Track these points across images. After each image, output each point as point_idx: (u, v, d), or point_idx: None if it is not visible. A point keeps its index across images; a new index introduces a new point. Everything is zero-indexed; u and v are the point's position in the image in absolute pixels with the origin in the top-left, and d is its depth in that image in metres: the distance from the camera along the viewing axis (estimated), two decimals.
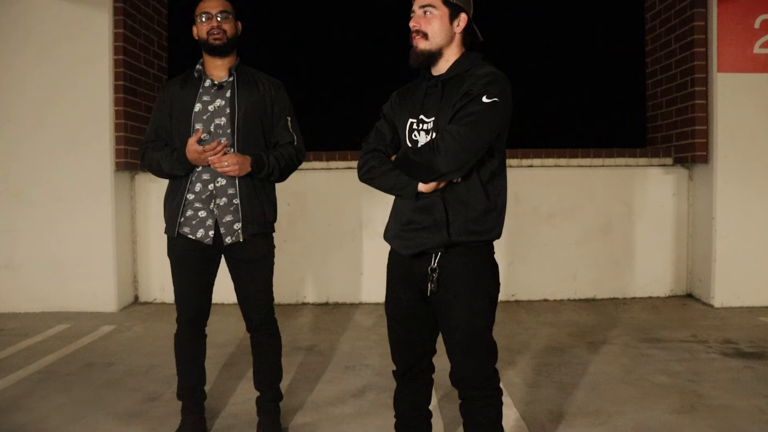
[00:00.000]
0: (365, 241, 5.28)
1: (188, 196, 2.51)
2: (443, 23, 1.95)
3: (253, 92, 2.55)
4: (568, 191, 5.32)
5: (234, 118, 2.49)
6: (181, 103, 2.53)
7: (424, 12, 1.96)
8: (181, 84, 2.58)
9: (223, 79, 2.55)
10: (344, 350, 3.95)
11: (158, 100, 2.63)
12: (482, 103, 1.84)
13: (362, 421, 2.84)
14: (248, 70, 2.61)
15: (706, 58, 4.99)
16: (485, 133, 1.85)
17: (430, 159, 1.84)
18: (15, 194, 4.97)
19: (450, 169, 1.84)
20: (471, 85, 1.89)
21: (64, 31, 4.93)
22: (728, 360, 3.62)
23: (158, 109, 2.61)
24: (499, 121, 1.88)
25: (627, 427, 2.73)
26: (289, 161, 2.57)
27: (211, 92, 2.53)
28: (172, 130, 2.56)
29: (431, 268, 1.95)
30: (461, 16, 1.97)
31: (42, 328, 4.48)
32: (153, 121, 2.63)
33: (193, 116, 2.50)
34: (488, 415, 1.99)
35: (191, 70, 2.60)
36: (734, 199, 4.93)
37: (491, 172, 1.95)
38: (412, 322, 2.07)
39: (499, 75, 1.91)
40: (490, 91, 1.85)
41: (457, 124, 1.84)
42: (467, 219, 1.92)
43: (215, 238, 2.51)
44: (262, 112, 2.56)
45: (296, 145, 2.61)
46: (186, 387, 2.66)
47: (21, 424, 2.83)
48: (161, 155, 2.50)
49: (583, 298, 5.33)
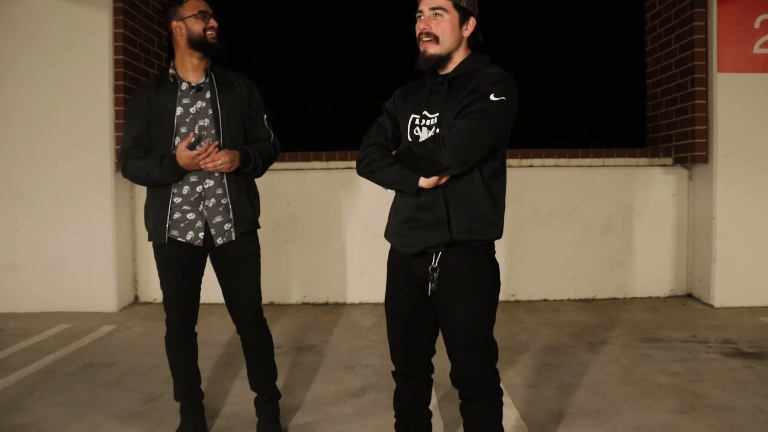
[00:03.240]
0: (365, 241, 5.28)
1: (175, 199, 2.49)
2: (453, 27, 1.94)
3: (232, 92, 2.54)
4: (568, 191, 5.32)
5: (218, 119, 2.49)
6: (160, 108, 2.49)
7: (435, 14, 1.93)
8: (155, 89, 2.52)
9: (200, 80, 2.52)
10: (344, 350, 3.95)
11: (131, 107, 2.55)
12: (490, 101, 1.84)
13: (362, 421, 2.84)
14: (221, 70, 2.60)
15: (706, 58, 4.99)
16: (491, 130, 1.85)
17: (434, 152, 1.84)
18: (15, 194, 4.97)
19: (453, 163, 1.83)
20: (479, 83, 1.88)
21: (65, 32, 4.93)
22: (728, 360, 3.62)
23: (133, 116, 2.54)
24: (504, 120, 1.88)
25: (627, 427, 2.73)
26: (269, 156, 2.60)
27: (190, 95, 2.50)
28: (153, 136, 2.51)
29: (432, 268, 1.94)
30: (470, 21, 1.97)
31: (42, 328, 4.48)
32: (128, 129, 2.55)
33: (175, 120, 2.48)
34: (488, 416, 1.98)
35: (163, 74, 2.55)
36: (734, 199, 4.93)
37: (492, 170, 1.95)
38: (411, 322, 2.07)
39: (506, 75, 1.92)
40: (497, 89, 1.85)
41: (464, 119, 1.84)
42: (470, 217, 1.91)
43: (205, 239, 2.51)
44: (243, 111, 2.56)
45: (273, 141, 2.64)
46: (182, 388, 2.66)
47: (21, 424, 2.83)
48: (148, 164, 2.44)
49: (583, 298, 5.33)
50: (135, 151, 2.52)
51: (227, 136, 2.50)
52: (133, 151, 2.52)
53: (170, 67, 2.54)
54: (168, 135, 2.47)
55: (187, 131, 2.47)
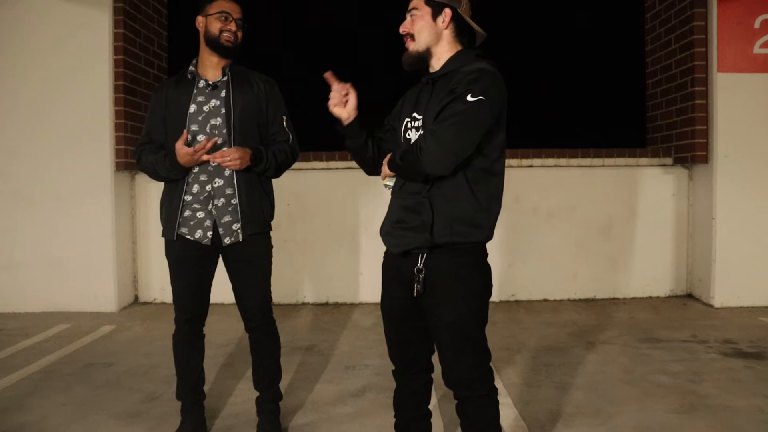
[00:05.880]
0: (365, 241, 5.28)
1: (186, 197, 2.51)
2: (426, 22, 1.96)
3: (248, 91, 2.54)
4: (568, 191, 5.32)
5: (230, 118, 2.49)
6: (176, 104, 2.52)
7: (411, 15, 1.98)
8: (175, 85, 2.56)
9: (217, 78, 2.54)
10: (344, 350, 3.95)
11: (152, 102, 2.61)
12: (466, 102, 1.80)
13: (362, 421, 2.84)
14: (242, 69, 2.60)
15: (706, 58, 4.99)
16: (469, 133, 1.82)
17: (413, 163, 1.84)
18: (15, 194, 4.97)
19: (434, 171, 1.84)
20: (457, 82, 1.86)
21: (65, 31, 4.93)
22: (728, 360, 3.62)
23: (152, 112, 2.60)
24: (485, 120, 1.84)
25: (627, 427, 2.73)
26: (285, 158, 2.58)
27: (206, 93, 2.52)
28: (166, 132, 2.54)
29: (417, 269, 1.94)
30: (445, 12, 1.95)
31: (42, 328, 4.48)
32: (147, 123, 2.62)
33: (188, 117, 2.49)
34: (483, 415, 1.97)
35: (184, 71, 2.59)
36: (734, 199, 4.93)
37: (480, 170, 1.91)
38: (405, 321, 2.07)
39: (486, 71, 1.87)
40: (474, 89, 1.81)
41: (440, 124, 1.82)
42: (453, 219, 1.89)
43: (213, 238, 2.51)
44: (257, 111, 2.56)
45: (291, 143, 2.62)
46: (185, 387, 2.66)
47: (21, 424, 2.83)
48: (156, 160, 2.50)
49: (582, 298, 5.33)
50: (149, 146, 2.58)
51: (239, 136, 2.50)
52: (147, 146, 2.58)
53: (192, 64, 2.57)
54: (179, 131, 2.48)
55: (198, 129, 2.48)
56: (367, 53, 7.71)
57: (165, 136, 2.55)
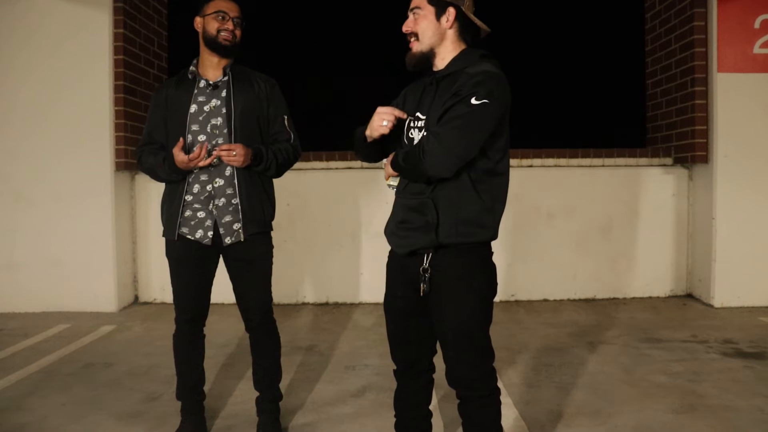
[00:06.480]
0: (365, 241, 5.28)
1: (186, 197, 2.51)
2: (430, 21, 1.94)
3: (249, 91, 2.54)
4: (568, 191, 5.32)
5: (230, 118, 2.49)
6: (176, 104, 2.52)
7: (413, 14, 1.97)
8: (175, 85, 2.56)
9: (218, 78, 2.54)
10: (344, 350, 3.95)
11: (153, 102, 2.61)
12: (470, 105, 1.80)
13: (362, 421, 2.84)
14: (243, 69, 2.60)
15: (706, 58, 4.99)
16: (473, 136, 1.81)
17: (416, 164, 1.84)
18: (15, 194, 4.97)
19: (437, 173, 1.84)
20: (461, 84, 1.85)
21: (64, 31, 4.93)
22: (728, 360, 3.62)
23: (153, 112, 2.60)
24: (489, 123, 1.83)
25: (627, 427, 2.73)
26: (287, 157, 2.58)
27: (206, 92, 2.52)
28: (167, 132, 2.54)
29: (423, 269, 1.94)
30: (449, 11, 1.94)
31: (42, 328, 4.48)
32: (148, 123, 2.62)
33: (188, 117, 2.49)
34: (486, 415, 1.97)
35: (185, 71, 2.59)
36: (734, 199, 4.93)
37: (483, 171, 1.91)
38: (409, 320, 2.07)
39: (491, 74, 1.86)
40: (479, 92, 1.81)
41: (444, 126, 1.81)
42: (458, 220, 1.89)
43: (214, 238, 2.51)
44: (258, 111, 2.56)
45: (293, 143, 2.62)
46: (185, 387, 2.66)
47: (21, 424, 2.83)
48: (155, 162, 2.50)
49: (582, 298, 5.33)
50: (149, 147, 2.58)
51: (239, 136, 2.49)
52: (147, 146, 2.58)
53: (192, 64, 2.57)
54: (180, 132, 2.48)
55: (198, 129, 2.48)
56: (367, 53, 7.71)
57: (166, 137, 2.55)
